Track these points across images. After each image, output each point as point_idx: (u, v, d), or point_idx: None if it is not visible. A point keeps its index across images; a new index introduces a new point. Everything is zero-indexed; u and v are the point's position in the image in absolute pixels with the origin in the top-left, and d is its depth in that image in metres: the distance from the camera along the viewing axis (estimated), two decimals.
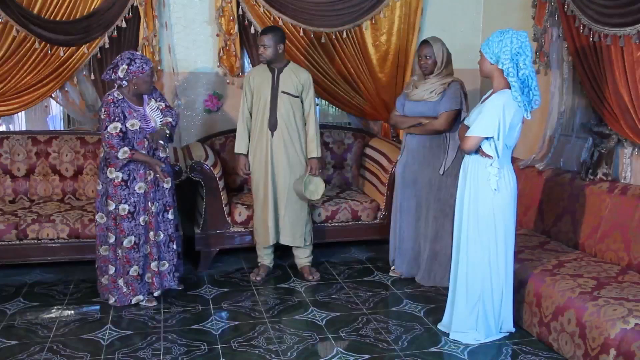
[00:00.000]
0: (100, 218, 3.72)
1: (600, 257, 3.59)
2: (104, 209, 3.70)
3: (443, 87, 3.96)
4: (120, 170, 3.61)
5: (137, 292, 3.77)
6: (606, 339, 2.77)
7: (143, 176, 3.67)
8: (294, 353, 3.22)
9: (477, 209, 3.21)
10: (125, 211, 3.64)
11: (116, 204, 3.64)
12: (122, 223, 3.65)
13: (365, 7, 4.94)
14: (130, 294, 3.76)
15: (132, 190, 3.64)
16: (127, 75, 3.57)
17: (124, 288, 3.75)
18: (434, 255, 4.08)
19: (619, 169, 3.81)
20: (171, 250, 3.86)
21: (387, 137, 5.23)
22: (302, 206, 4.19)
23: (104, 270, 3.76)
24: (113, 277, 3.74)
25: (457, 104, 3.93)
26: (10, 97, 4.55)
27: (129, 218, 3.65)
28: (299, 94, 4.06)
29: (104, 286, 3.79)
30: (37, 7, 4.41)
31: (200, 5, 4.85)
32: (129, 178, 3.64)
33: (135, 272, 3.73)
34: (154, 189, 3.72)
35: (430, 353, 3.24)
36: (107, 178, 3.63)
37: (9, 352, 3.20)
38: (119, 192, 3.63)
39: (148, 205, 3.70)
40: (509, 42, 3.01)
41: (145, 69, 3.60)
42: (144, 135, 3.64)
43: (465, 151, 3.21)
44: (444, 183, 4.01)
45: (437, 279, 4.10)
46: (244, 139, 4.14)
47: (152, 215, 3.72)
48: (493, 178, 3.14)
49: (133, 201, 3.65)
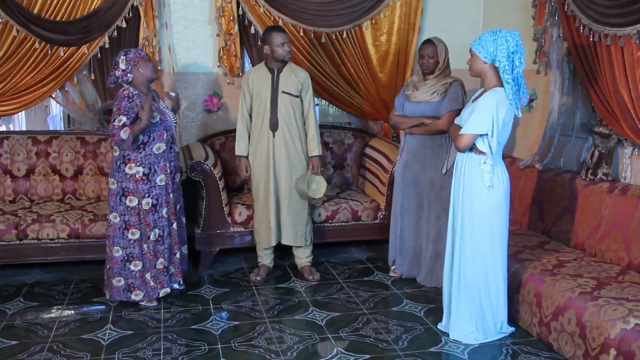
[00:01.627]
0: (114, 218, 3.69)
1: (601, 257, 3.59)
2: (119, 208, 3.67)
3: (444, 87, 3.97)
4: (140, 164, 3.62)
5: (164, 285, 3.78)
6: (606, 339, 2.77)
7: (164, 169, 3.70)
8: (294, 353, 3.22)
9: (472, 207, 3.23)
10: (149, 205, 3.66)
11: (139, 199, 3.64)
12: (147, 217, 3.66)
13: (365, 7, 4.94)
14: (157, 287, 3.77)
15: (154, 183, 3.67)
16: (129, 63, 3.60)
17: (151, 282, 3.74)
18: (436, 255, 4.08)
19: (619, 169, 3.81)
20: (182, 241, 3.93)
21: (387, 137, 5.23)
22: (303, 206, 4.20)
23: (116, 272, 3.71)
24: (141, 272, 3.72)
25: (459, 103, 3.93)
26: (10, 97, 4.55)
27: (152, 211, 3.67)
28: (298, 93, 4.07)
29: (115, 288, 3.73)
30: (37, 7, 4.41)
31: (201, 5, 4.86)
32: (150, 171, 3.65)
33: (162, 265, 3.75)
34: (172, 180, 3.76)
35: (430, 353, 3.24)
36: (126, 175, 3.63)
37: (9, 352, 3.20)
38: (140, 187, 3.63)
39: (169, 197, 3.74)
40: (504, 40, 3.05)
41: (141, 54, 3.66)
42: (164, 127, 3.67)
43: (460, 149, 3.24)
44: (447, 182, 4.01)
45: (440, 279, 4.10)
46: (244, 140, 4.14)
47: (172, 207, 3.76)
48: (487, 175, 3.17)
49: (155, 194, 3.67)
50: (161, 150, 3.67)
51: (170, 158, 3.74)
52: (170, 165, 3.74)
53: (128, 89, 3.62)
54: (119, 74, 3.63)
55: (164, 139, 3.68)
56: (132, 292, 3.72)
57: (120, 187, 3.65)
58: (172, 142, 3.76)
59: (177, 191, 3.86)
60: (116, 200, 3.67)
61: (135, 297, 3.73)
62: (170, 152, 3.74)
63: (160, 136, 3.67)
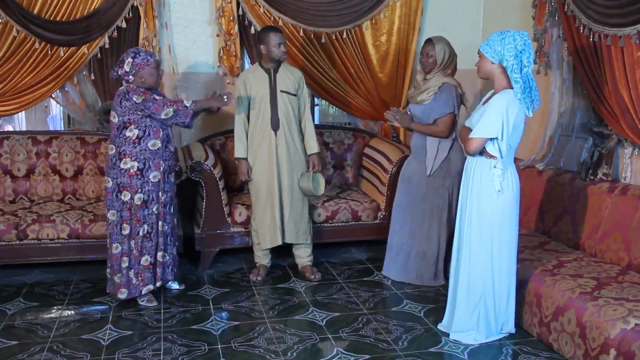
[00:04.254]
0: (112, 215, 3.71)
1: (601, 257, 3.59)
2: (114, 205, 3.69)
3: (434, 90, 3.96)
4: (135, 159, 3.63)
5: (146, 282, 3.78)
6: (606, 339, 2.77)
7: (158, 165, 3.70)
8: (294, 353, 3.22)
9: (480, 210, 3.21)
10: (141, 200, 3.67)
11: (132, 194, 3.66)
12: (138, 212, 3.68)
13: (365, 7, 4.94)
14: (140, 285, 3.77)
15: (147, 179, 3.68)
16: (133, 68, 3.61)
17: (133, 279, 3.75)
18: (421, 253, 4.10)
19: (619, 169, 3.81)
20: (172, 243, 3.90)
21: (387, 137, 5.23)
22: (304, 204, 4.21)
23: (117, 269, 3.74)
24: (127, 269, 3.74)
25: (450, 107, 3.93)
26: (10, 97, 4.55)
27: (143, 207, 3.69)
28: (296, 92, 4.09)
29: (118, 285, 3.75)
30: (37, 7, 4.41)
31: (201, 5, 4.86)
32: (144, 167, 3.66)
33: (147, 262, 3.75)
34: (164, 180, 3.76)
35: (430, 353, 3.24)
36: (121, 170, 3.64)
37: (9, 352, 3.20)
38: (133, 182, 3.65)
39: (159, 195, 3.74)
40: (512, 40, 3.02)
41: (150, 61, 3.64)
42: (160, 125, 3.68)
43: (470, 153, 3.20)
44: (431, 184, 4.02)
45: (425, 279, 4.13)
46: (244, 142, 4.13)
47: (162, 205, 3.77)
48: (497, 179, 3.14)
49: (147, 190, 3.69)
50: (156, 147, 3.68)
51: (165, 157, 3.75)
52: (165, 164, 3.75)
53: (128, 85, 3.64)
54: (121, 72, 3.65)
55: (159, 136, 3.69)
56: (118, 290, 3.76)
57: (116, 184, 3.67)
58: (167, 142, 3.76)
59: (171, 191, 3.84)
60: (112, 198, 3.69)
61: (121, 296, 3.75)
62: (165, 151, 3.74)
63: (156, 133, 3.67)
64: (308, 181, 4.07)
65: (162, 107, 3.57)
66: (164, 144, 3.72)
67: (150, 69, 3.64)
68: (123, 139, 3.63)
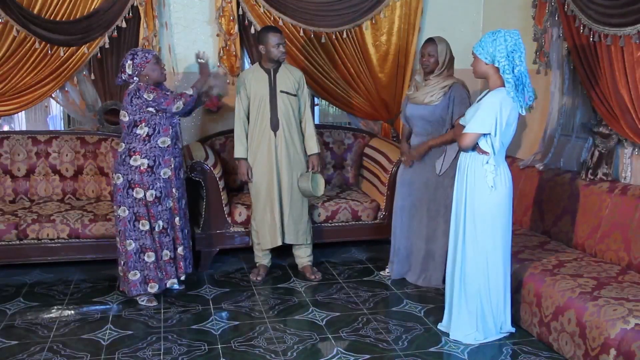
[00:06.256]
0: (123, 212, 3.71)
1: (600, 257, 3.59)
2: (127, 201, 3.70)
3: (443, 90, 3.94)
4: (145, 157, 3.66)
5: (170, 276, 3.83)
6: (606, 339, 2.77)
7: (169, 162, 3.74)
8: (294, 353, 3.22)
9: (474, 207, 3.23)
10: (153, 196, 3.70)
11: (144, 190, 3.68)
12: (152, 209, 3.71)
13: (365, 7, 4.94)
14: (165, 279, 3.82)
15: (158, 175, 3.71)
16: (135, 69, 3.64)
17: (159, 274, 3.79)
18: (429, 255, 4.08)
19: (619, 169, 3.81)
20: (187, 237, 3.95)
21: (387, 137, 5.23)
22: (304, 204, 4.21)
23: (131, 266, 3.73)
24: (154, 263, 3.76)
25: (467, 106, 3.88)
26: (10, 97, 4.56)
27: (156, 203, 3.72)
28: (296, 92, 4.09)
29: (132, 282, 3.75)
30: (37, 7, 4.41)
31: (201, 5, 4.86)
32: (154, 164, 3.69)
33: (167, 256, 3.80)
34: (176, 176, 3.79)
35: (430, 353, 3.24)
36: (131, 167, 3.67)
37: (9, 352, 3.20)
38: (145, 179, 3.68)
39: (172, 191, 3.78)
40: (502, 40, 3.06)
41: (148, 57, 3.67)
42: (169, 123, 3.72)
43: (462, 148, 3.24)
44: (441, 183, 4.01)
45: (432, 280, 4.11)
46: (243, 143, 4.13)
47: (176, 201, 3.80)
48: (490, 175, 3.17)
49: (159, 186, 3.72)
50: (166, 144, 3.72)
51: (175, 154, 3.80)
52: (175, 161, 3.79)
53: (136, 85, 3.66)
54: (125, 77, 3.69)
55: (169, 133, 3.73)
56: (148, 285, 3.76)
57: (127, 180, 3.69)
58: (176, 139, 3.81)
59: (182, 187, 3.90)
60: (123, 194, 3.70)
61: (151, 290, 3.77)
62: (175, 148, 3.78)
63: (166, 130, 3.71)
64: (307, 182, 4.06)
65: (173, 102, 3.66)
66: (173, 141, 3.76)
67: (152, 65, 3.67)
68: (133, 137, 3.67)
